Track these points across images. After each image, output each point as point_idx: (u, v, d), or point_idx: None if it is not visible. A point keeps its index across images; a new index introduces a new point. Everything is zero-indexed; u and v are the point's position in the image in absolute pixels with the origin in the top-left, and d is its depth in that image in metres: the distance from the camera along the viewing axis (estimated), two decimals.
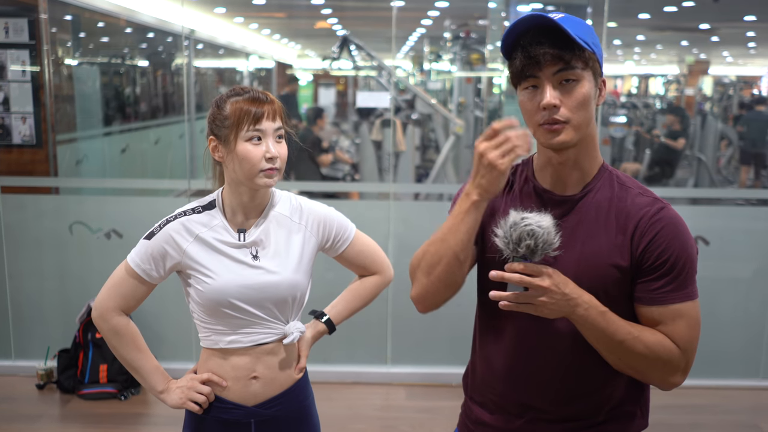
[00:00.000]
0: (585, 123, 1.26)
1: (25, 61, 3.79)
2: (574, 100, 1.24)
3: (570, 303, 1.20)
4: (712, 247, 3.69)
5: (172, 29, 6.71)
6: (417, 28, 9.09)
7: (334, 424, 3.25)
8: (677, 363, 1.27)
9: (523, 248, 1.18)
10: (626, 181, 1.33)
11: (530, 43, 1.23)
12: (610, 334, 1.23)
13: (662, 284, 1.26)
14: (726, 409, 3.57)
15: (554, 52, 1.22)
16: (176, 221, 1.57)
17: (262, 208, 1.61)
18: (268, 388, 1.62)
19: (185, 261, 1.56)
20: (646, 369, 1.27)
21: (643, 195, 1.30)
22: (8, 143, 3.84)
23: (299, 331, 1.63)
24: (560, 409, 1.36)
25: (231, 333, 1.58)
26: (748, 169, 8.07)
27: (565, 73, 1.23)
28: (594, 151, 1.33)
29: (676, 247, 1.26)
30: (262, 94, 1.54)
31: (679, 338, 1.26)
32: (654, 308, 1.27)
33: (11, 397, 3.55)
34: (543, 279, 1.17)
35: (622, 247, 1.27)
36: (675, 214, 1.28)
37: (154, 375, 1.63)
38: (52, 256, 3.79)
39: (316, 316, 1.75)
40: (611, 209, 1.29)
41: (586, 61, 1.24)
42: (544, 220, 1.19)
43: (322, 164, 5.83)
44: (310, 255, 1.65)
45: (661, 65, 15.72)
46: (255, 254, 1.58)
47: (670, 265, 1.25)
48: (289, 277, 1.58)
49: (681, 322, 1.26)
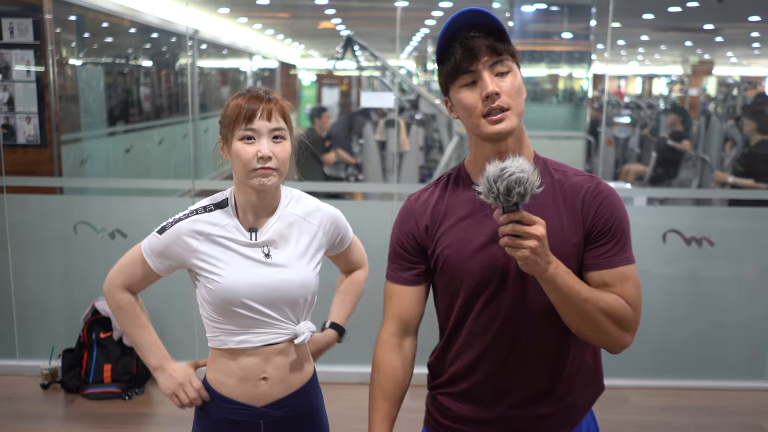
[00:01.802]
0: (522, 110, 1.33)
1: (30, 61, 3.80)
2: (511, 87, 1.31)
3: (548, 257, 1.24)
4: (717, 247, 3.69)
5: (176, 29, 6.72)
6: (421, 28, 9.09)
7: (339, 424, 3.24)
8: (629, 321, 1.33)
9: (514, 197, 1.19)
10: (559, 167, 1.42)
11: (466, 37, 1.30)
12: (577, 291, 1.27)
13: (608, 249, 1.34)
14: (730, 410, 3.56)
15: (489, 43, 1.29)
16: (188, 219, 1.57)
17: (273, 208, 1.60)
18: (277, 388, 1.61)
19: (194, 260, 1.56)
20: (606, 328, 1.31)
21: (578, 175, 1.39)
22: (13, 143, 3.85)
23: (310, 331, 1.61)
24: (534, 393, 1.40)
25: (241, 333, 1.57)
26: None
27: (499, 65, 1.31)
28: (527, 142, 1.40)
29: (616, 215, 1.35)
30: (264, 92, 1.53)
31: (629, 297, 1.33)
32: (604, 272, 1.34)
33: (16, 397, 3.56)
34: (537, 227, 1.21)
35: (575, 224, 1.35)
36: (609, 186, 1.39)
37: (151, 350, 1.64)
38: (56, 256, 3.80)
39: (322, 328, 1.78)
40: (556, 193, 1.37)
41: (513, 54, 1.33)
42: (522, 164, 1.21)
43: (326, 163, 5.83)
44: (321, 255, 1.66)
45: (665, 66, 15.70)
46: (267, 253, 1.57)
47: (614, 231, 1.34)
48: (300, 276, 1.58)
49: (628, 283, 1.33)
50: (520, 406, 1.40)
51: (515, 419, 1.41)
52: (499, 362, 1.40)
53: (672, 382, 3.74)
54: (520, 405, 1.40)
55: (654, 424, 3.40)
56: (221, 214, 1.58)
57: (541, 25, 6.13)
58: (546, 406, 1.41)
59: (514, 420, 1.41)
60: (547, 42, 6.19)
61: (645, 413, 3.47)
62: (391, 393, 1.49)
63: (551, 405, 1.41)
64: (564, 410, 1.42)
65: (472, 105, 1.31)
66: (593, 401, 1.48)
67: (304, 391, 1.66)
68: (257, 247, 1.57)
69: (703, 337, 3.77)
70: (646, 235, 3.65)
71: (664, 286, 3.75)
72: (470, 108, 1.32)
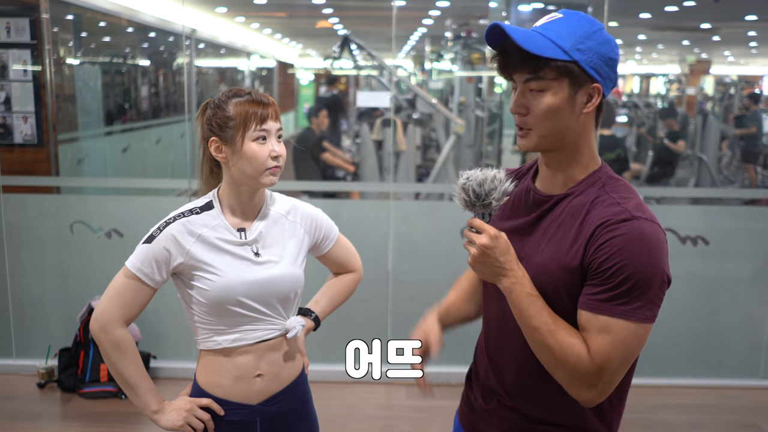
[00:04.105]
0: (554, 132, 1.25)
1: (27, 60, 3.80)
2: (537, 109, 1.24)
3: (500, 271, 1.23)
4: (712, 246, 3.70)
5: (174, 29, 6.71)
6: (418, 28, 9.09)
7: (335, 423, 3.25)
8: (585, 375, 1.20)
9: (472, 199, 1.26)
10: (612, 191, 1.27)
11: (499, 51, 1.27)
12: (528, 317, 1.22)
13: (598, 291, 1.20)
14: (726, 408, 3.57)
15: (515, 61, 1.24)
16: (177, 222, 1.57)
17: (260, 208, 1.65)
18: (271, 384, 1.64)
19: (189, 261, 1.56)
20: (553, 367, 1.23)
21: (616, 205, 1.23)
22: (10, 143, 3.85)
23: (301, 324, 1.67)
24: (513, 399, 1.38)
25: (234, 332, 1.59)
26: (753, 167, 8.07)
27: (532, 83, 1.24)
28: (584, 158, 1.30)
29: (623, 258, 1.17)
30: (264, 96, 1.59)
31: (596, 351, 1.19)
32: (584, 313, 1.21)
33: (12, 396, 3.56)
34: (480, 236, 1.23)
35: (577, 250, 1.23)
36: (641, 228, 1.19)
37: (150, 394, 1.58)
38: (53, 256, 3.80)
39: (302, 313, 1.78)
40: (582, 214, 1.26)
41: (558, 69, 1.21)
42: (483, 172, 1.26)
43: (327, 162, 5.82)
44: (305, 252, 1.72)
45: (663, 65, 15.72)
46: (256, 251, 1.61)
47: (611, 275, 1.18)
48: (291, 271, 1.63)
49: (604, 336, 1.18)
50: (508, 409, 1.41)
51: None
52: (494, 360, 1.44)
53: (668, 380, 3.75)
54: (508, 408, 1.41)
55: (650, 423, 3.41)
56: (209, 216, 1.60)
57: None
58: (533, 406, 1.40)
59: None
60: None
61: (640, 411, 3.48)
62: (462, 291, 1.59)
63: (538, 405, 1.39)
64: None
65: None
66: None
67: (296, 384, 1.70)
68: (247, 245, 1.60)
69: (698, 336, 3.78)
70: None
71: None
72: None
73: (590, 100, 1.25)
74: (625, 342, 1.19)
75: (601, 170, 1.31)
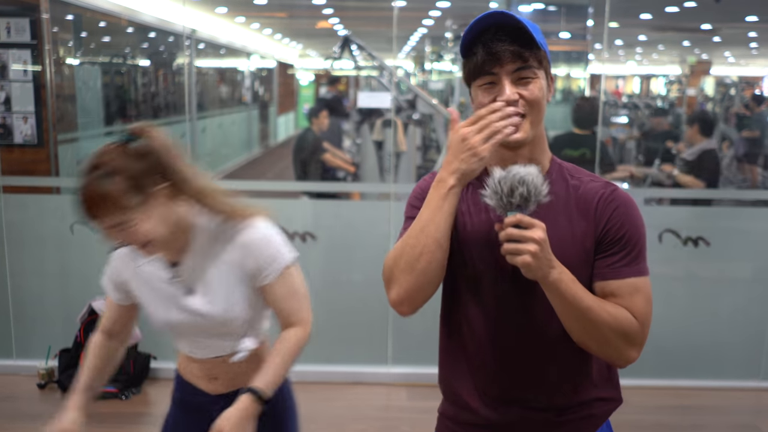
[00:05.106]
0: (540, 119, 1.31)
1: (27, 60, 3.80)
2: (532, 95, 1.27)
3: (550, 262, 1.21)
4: (712, 247, 3.69)
5: (174, 29, 6.72)
6: (418, 28, 9.10)
7: (335, 424, 3.25)
8: (635, 335, 1.28)
9: (516, 198, 1.18)
10: (576, 172, 1.38)
11: (491, 39, 1.26)
12: (579, 299, 1.24)
13: (618, 258, 1.30)
14: (726, 410, 3.57)
15: (514, 49, 1.25)
16: (124, 248, 1.62)
17: (189, 243, 1.55)
18: (229, 385, 1.66)
19: (134, 283, 1.64)
20: (610, 339, 1.27)
21: (594, 181, 1.36)
22: (10, 143, 3.85)
23: (248, 349, 1.61)
24: (538, 398, 1.38)
25: (186, 344, 1.66)
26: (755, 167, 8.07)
27: (523, 71, 1.27)
28: (545, 147, 1.38)
29: (630, 224, 1.31)
30: (82, 192, 1.39)
31: (638, 311, 1.29)
32: (612, 282, 1.30)
33: (12, 397, 3.56)
34: (536, 231, 1.18)
35: (586, 231, 1.31)
36: (626, 194, 1.34)
37: (74, 393, 1.78)
38: (53, 256, 3.80)
39: (248, 391, 1.52)
40: (569, 199, 1.33)
41: (541, 61, 1.29)
42: (530, 169, 1.20)
43: (327, 163, 5.82)
44: (240, 285, 1.56)
45: (663, 65, 15.72)
46: (186, 290, 1.57)
47: (626, 241, 1.30)
48: (220, 314, 1.55)
49: (638, 296, 1.29)
50: (533, 409, 1.42)
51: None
52: (500, 367, 1.44)
53: (668, 381, 3.75)
54: (533, 409, 1.42)
55: (649, 424, 3.41)
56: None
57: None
58: (550, 414, 1.42)
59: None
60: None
61: (641, 413, 3.48)
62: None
63: (556, 413, 1.42)
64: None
65: (483, 106, 1.28)
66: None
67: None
68: (178, 283, 1.57)
69: (698, 337, 3.78)
70: None
71: (660, 286, 3.74)
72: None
73: (549, 90, 1.34)
74: (650, 295, 1.32)
75: (554, 158, 1.40)
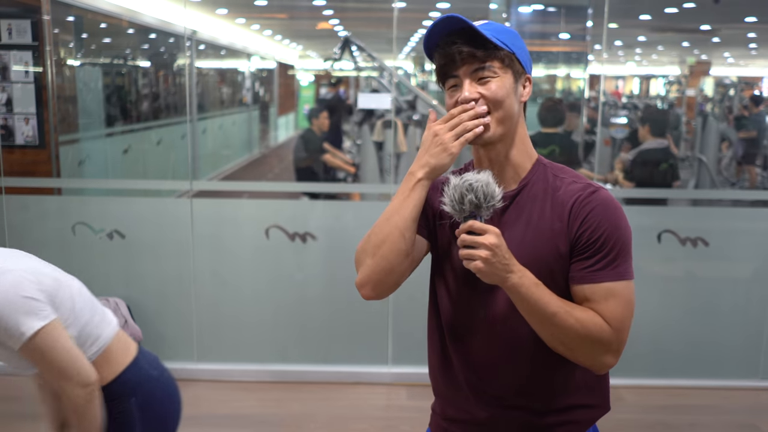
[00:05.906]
0: (506, 118, 1.32)
1: (28, 62, 3.81)
2: (492, 93, 1.30)
3: (506, 268, 1.22)
4: (711, 247, 3.71)
5: (175, 30, 6.72)
6: (418, 29, 9.10)
7: (336, 424, 3.26)
8: (608, 342, 1.27)
9: (467, 204, 1.21)
10: (560, 172, 1.37)
11: (446, 43, 1.30)
12: (543, 305, 1.24)
13: (593, 262, 1.28)
14: (725, 409, 3.58)
15: (468, 50, 1.29)
16: None
17: None
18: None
19: None
20: (578, 345, 1.27)
21: (576, 182, 1.35)
22: (11, 144, 3.86)
23: None
24: (517, 400, 1.39)
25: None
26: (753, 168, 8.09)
27: (481, 72, 1.30)
28: (526, 147, 1.38)
29: (608, 226, 1.28)
30: None
31: (611, 317, 1.27)
32: (586, 286, 1.29)
33: (13, 397, 3.57)
34: (487, 237, 1.20)
35: (560, 232, 1.31)
36: (608, 195, 1.32)
37: None
38: (54, 257, 3.76)
39: None
40: (546, 199, 1.34)
41: (503, 60, 1.31)
42: (482, 175, 1.23)
43: (327, 163, 5.83)
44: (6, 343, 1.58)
45: (663, 66, 15.72)
46: None
47: (601, 244, 1.28)
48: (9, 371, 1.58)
49: (613, 300, 1.27)
50: (507, 408, 1.45)
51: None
52: (486, 367, 1.47)
53: (667, 381, 3.76)
54: (507, 407, 1.44)
55: (649, 423, 3.42)
56: None
57: (538, 25, 6.16)
58: (526, 415, 1.44)
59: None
60: (545, 43, 6.22)
61: (640, 412, 3.49)
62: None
63: (534, 415, 1.43)
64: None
65: (451, 108, 1.33)
66: None
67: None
68: None
69: (697, 337, 3.79)
70: (642, 235, 3.67)
71: (659, 286, 3.77)
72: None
73: (523, 90, 1.36)
74: (629, 299, 1.29)
75: (540, 159, 1.40)
